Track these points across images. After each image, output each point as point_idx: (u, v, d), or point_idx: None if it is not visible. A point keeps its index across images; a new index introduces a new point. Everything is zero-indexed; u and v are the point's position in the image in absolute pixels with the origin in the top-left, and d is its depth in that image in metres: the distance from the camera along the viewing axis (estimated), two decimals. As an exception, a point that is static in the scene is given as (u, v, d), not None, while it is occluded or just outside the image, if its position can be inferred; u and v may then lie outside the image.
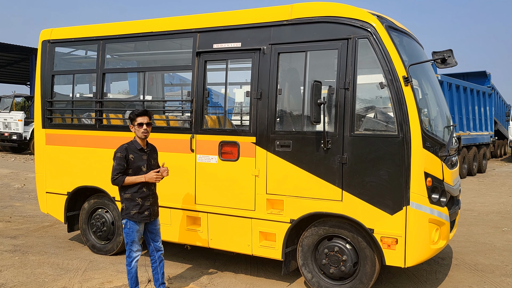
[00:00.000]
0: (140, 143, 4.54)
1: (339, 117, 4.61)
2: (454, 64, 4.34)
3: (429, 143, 4.46)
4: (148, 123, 4.50)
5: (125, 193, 4.50)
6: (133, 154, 4.48)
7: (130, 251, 4.54)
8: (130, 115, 4.52)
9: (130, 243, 4.52)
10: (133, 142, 4.56)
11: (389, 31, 4.55)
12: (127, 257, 4.56)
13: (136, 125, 4.47)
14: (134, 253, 4.54)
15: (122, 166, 4.41)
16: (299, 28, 4.87)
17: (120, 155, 4.42)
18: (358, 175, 4.54)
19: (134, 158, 4.48)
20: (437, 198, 4.56)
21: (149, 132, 4.52)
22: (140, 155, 4.52)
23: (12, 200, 10.30)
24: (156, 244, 4.71)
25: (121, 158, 4.42)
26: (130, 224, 4.50)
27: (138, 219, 4.49)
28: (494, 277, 5.54)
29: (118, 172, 4.41)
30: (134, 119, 4.48)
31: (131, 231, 4.50)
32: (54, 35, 6.51)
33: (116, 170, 4.41)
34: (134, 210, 4.47)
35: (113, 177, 4.42)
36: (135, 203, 4.47)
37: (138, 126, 4.47)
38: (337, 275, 4.81)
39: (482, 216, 9.30)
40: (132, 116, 4.49)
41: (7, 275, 5.39)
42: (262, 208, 5.04)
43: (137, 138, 4.55)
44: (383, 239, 4.48)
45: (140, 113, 4.48)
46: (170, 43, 6.22)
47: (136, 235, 4.53)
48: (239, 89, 7.80)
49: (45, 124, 6.52)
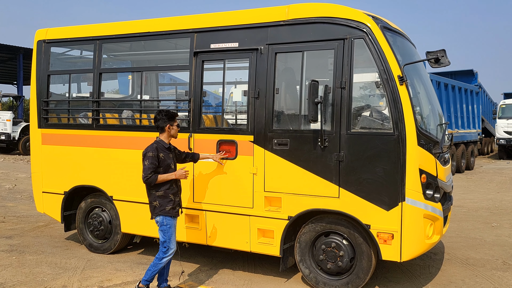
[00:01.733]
0: (166, 142, 4.74)
1: (336, 116, 4.71)
2: (447, 64, 4.47)
3: (423, 141, 4.59)
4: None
5: (158, 191, 4.64)
6: (162, 153, 4.66)
7: (167, 248, 4.64)
8: (167, 117, 4.69)
9: (169, 240, 4.64)
10: (160, 141, 4.73)
11: (384, 32, 4.66)
12: (162, 253, 4.62)
13: (175, 125, 4.73)
14: (171, 250, 4.67)
15: (154, 165, 4.57)
16: (296, 29, 4.95)
17: (152, 155, 4.58)
18: (355, 172, 4.65)
19: (164, 157, 4.66)
20: (431, 194, 4.69)
21: None
22: (168, 153, 4.73)
23: (4, 201, 10.24)
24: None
25: (153, 157, 4.57)
26: (167, 220, 4.63)
27: (173, 214, 4.66)
28: (485, 270, 5.70)
29: (151, 171, 4.55)
30: (173, 120, 4.72)
31: (169, 227, 4.64)
32: (49, 35, 6.51)
33: (149, 169, 4.55)
34: (168, 206, 4.63)
35: (146, 176, 4.56)
36: (169, 199, 4.64)
37: (175, 127, 4.74)
38: (334, 271, 4.91)
39: (471, 212, 9.50)
40: (171, 118, 4.71)
41: (5, 274, 5.40)
42: (260, 205, 5.12)
43: (163, 137, 4.75)
44: (380, 235, 4.60)
45: (176, 114, 4.78)
46: (166, 43, 6.26)
47: (174, 230, 4.69)
48: (236, 89, 7.88)
49: (41, 124, 6.52)
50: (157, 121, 4.72)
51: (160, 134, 4.77)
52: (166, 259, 4.66)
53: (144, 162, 4.58)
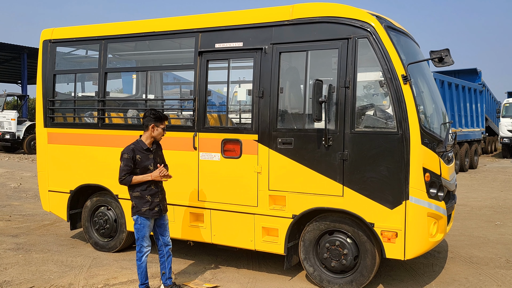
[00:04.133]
0: (146, 143, 4.65)
1: (340, 115, 4.74)
2: (451, 63, 4.49)
3: (427, 140, 4.61)
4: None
5: (134, 192, 4.60)
6: (140, 154, 4.59)
7: (140, 246, 4.64)
8: (153, 116, 4.61)
9: (141, 239, 4.63)
10: (139, 142, 4.66)
11: (388, 31, 4.68)
12: (137, 252, 4.67)
13: (161, 127, 4.64)
14: (145, 248, 4.65)
15: (129, 166, 4.52)
16: (300, 28, 4.98)
17: (127, 156, 4.53)
18: (359, 171, 4.68)
19: (141, 158, 4.59)
20: (435, 192, 4.71)
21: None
22: (147, 154, 4.64)
23: (9, 199, 10.31)
24: (165, 239, 4.82)
25: (128, 159, 4.53)
26: (141, 220, 4.61)
27: (149, 215, 4.61)
28: (489, 269, 5.72)
29: (125, 173, 4.53)
30: (160, 122, 4.62)
31: (142, 227, 4.62)
32: (55, 34, 6.56)
33: (123, 170, 4.53)
34: (144, 207, 4.58)
35: (120, 178, 4.53)
36: (145, 200, 4.58)
37: (161, 129, 4.64)
38: (338, 269, 4.94)
39: (475, 210, 9.51)
40: (158, 119, 4.61)
41: (12, 272, 5.46)
42: (265, 204, 5.15)
43: (144, 138, 4.66)
44: (384, 233, 4.62)
45: (165, 117, 4.70)
46: (170, 42, 6.30)
47: (147, 230, 4.64)
48: (240, 88, 7.91)
49: (47, 123, 6.57)
50: (144, 118, 4.66)
51: (144, 132, 4.67)
52: (143, 258, 4.64)
53: (120, 164, 4.56)
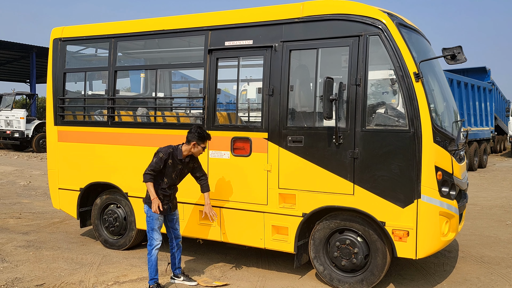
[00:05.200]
0: (183, 154, 4.78)
1: (351, 113, 4.71)
2: (464, 60, 4.44)
3: (439, 138, 4.57)
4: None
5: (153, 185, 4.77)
6: (172, 160, 4.74)
7: (151, 238, 4.80)
8: (198, 134, 4.72)
9: (151, 231, 4.80)
10: (178, 149, 4.80)
11: (399, 28, 4.64)
12: (148, 245, 4.83)
13: (202, 146, 4.78)
14: (155, 241, 4.80)
15: (158, 166, 4.68)
16: (310, 26, 4.95)
17: (162, 156, 4.68)
18: (370, 169, 4.65)
19: (171, 164, 4.75)
20: (447, 191, 4.67)
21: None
22: (177, 163, 4.81)
23: (19, 197, 10.38)
24: (175, 232, 5.03)
25: (161, 159, 4.68)
26: (151, 212, 4.77)
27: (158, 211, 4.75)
28: (501, 268, 5.66)
29: (152, 170, 4.67)
30: (202, 141, 4.75)
31: (151, 219, 4.80)
32: (65, 33, 6.58)
33: (152, 166, 4.68)
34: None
35: (146, 171, 4.67)
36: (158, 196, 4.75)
37: (201, 148, 4.79)
38: (348, 268, 4.92)
39: (485, 210, 9.43)
40: (201, 138, 4.73)
41: (23, 269, 5.49)
42: (275, 202, 5.14)
43: (184, 149, 4.78)
44: (395, 232, 4.59)
45: (209, 137, 4.81)
46: (180, 41, 6.30)
47: (156, 223, 4.80)
48: (248, 86, 7.88)
49: (57, 121, 6.60)
50: (189, 133, 4.79)
51: (185, 144, 4.82)
52: (153, 251, 4.78)
53: (153, 159, 4.72)
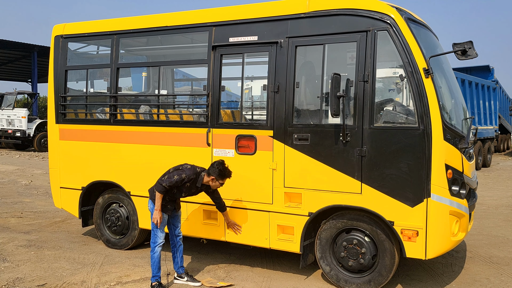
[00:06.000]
0: (202, 182, 4.79)
1: (358, 110, 4.60)
2: (475, 56, 4.33)
3: (449, 135, 4.46)
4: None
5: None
6: (190, 184, 4.75)
7: (155, 236, 4.82)
8: (219, 171, 4.69)
9: (155, 229, 4.80)
10: (200, 177, 4.80)
11: (408, 23, 4.54)
12: (151, 243, 4.84)
13: (220, 182, 4.76)
14: (159, 239, 4.81)
15: (176, 183, 4.67)
16: (317, 21, 4.85)
17: (184, 178, 4.67)
18: (378, 167, 4.54)
19: (188, 186, 4.75)
20: (457, 190, 4.56)
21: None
22: (193, 187, 4.82)
23: (21, 196, 10.31)
24: (176, 229, 5.08)
25: (182, 180, 4.68)
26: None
27: (162, 210, 4.79)
28: (510, 269, 5.56)
29: (170, 186, 4.64)
30: (222, 179, 4.74)
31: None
32: (66, 30, 6.49)
33: (171, 183, 4.65)
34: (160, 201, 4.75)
35: (163, 184, 4.63)
36: (165, 200, 4.79)
37: (219, 183, 4.77)
38: (355, 268, 4.82)
39: (491, 209, 9.32)
40: (221, 175, 4.71)
41: (24, 269, 5.40)
42: (280, 201, 5.04)
43: (205, 177, 4.77)
44: (404, 232, 4.49)
45: (229, 175, 4.77)
46: (183, 37, 6.21)
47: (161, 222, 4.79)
48: (252, 83, 7.77)
49: (58, 119, 6.51)
50: (211, 166, 4.76)
51: (206, 174, 4.76)
52: (156, 248, 4.80)
53: (174, 174, 4.66)
